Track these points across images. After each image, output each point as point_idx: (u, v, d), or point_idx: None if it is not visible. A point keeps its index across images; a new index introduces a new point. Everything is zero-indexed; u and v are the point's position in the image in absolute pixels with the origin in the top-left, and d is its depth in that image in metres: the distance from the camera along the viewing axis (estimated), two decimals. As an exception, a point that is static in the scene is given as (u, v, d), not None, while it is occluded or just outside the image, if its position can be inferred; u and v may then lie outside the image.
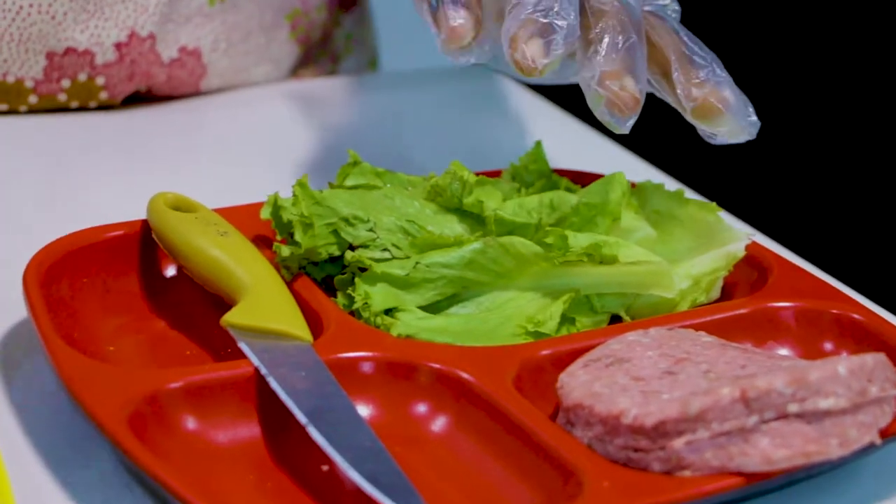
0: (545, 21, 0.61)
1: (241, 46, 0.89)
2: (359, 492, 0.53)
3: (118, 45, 0.83)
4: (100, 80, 0.84)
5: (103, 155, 0.81)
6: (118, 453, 0.53)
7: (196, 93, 0.89)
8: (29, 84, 0.83)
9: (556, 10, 0.61)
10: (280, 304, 0.60)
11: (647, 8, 0.67)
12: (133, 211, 0.67)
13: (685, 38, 0.64)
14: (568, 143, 0.86)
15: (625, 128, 0.62)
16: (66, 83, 0.84)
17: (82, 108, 0.85)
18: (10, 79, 0.83)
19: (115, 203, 0.73)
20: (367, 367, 0.58)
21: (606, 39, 0.62)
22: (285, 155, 0.83)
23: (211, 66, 0.87)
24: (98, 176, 0.79)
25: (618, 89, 0.61)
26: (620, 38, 0.62)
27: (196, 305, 0.65)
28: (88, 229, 0.65)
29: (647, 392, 0.54)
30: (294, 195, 0.65)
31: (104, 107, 0.86)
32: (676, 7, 0.68)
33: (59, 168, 0.80)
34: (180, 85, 0.87)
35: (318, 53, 0.94)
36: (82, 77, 0.84)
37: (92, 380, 0.55)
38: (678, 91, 0.63)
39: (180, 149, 0.84)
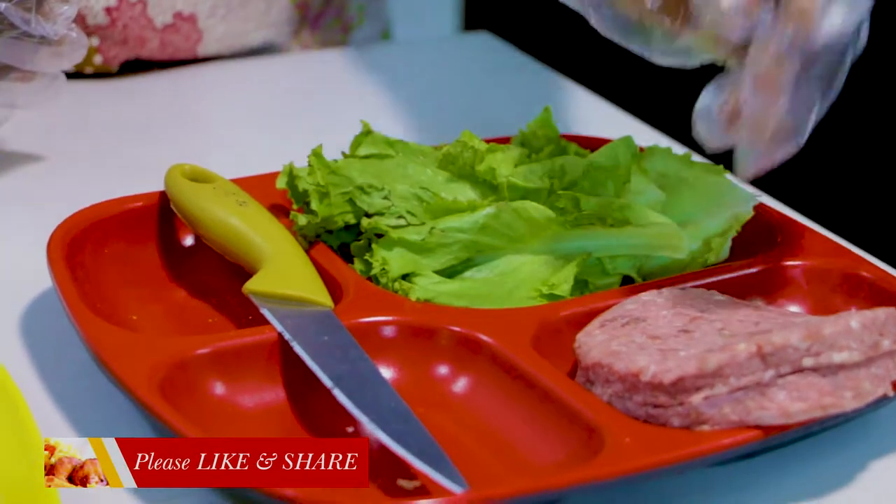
0: None
1: (240, 12, 0.89)
2: (384, 453, 0.54)
3: (108, 10, 0.84)
4: (94, 41, 0.85)
5: (114, 125, 0.82)
6: (150, 419, 0.54)
7: (193, 58, 0.89)
8: None
9: None
10: (300, 270, 0.62)
11: None
12: (150, 182, 0.68)
13: None
14: (572, 109, 0.88)
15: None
16: None
17: (78, 75, 0.86)
18: None
19: (133, 174, 0.74)
20: (388, 332, 0.59)
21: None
22: (297, 125, 0.84)
23: (207, 31, 0.88)
24: (111, 147, 0.80)
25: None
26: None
27: (215, 274, 0.66)
28: (109, 201, 0.66)
29: (664, 350, 0.55)
30: (309, 164, 0.66)
31: (100, 74, 0.87)
32: None
33: (73, 139, 0.81)
34: (176, 51, 0.88)
35: (329, 22, 0.95)
36: None
37: (120, 348, 0.56)
38: None
39: (192, 119, 0.85)
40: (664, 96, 0.92)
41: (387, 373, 0.59)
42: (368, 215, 0.66)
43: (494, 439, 0.56)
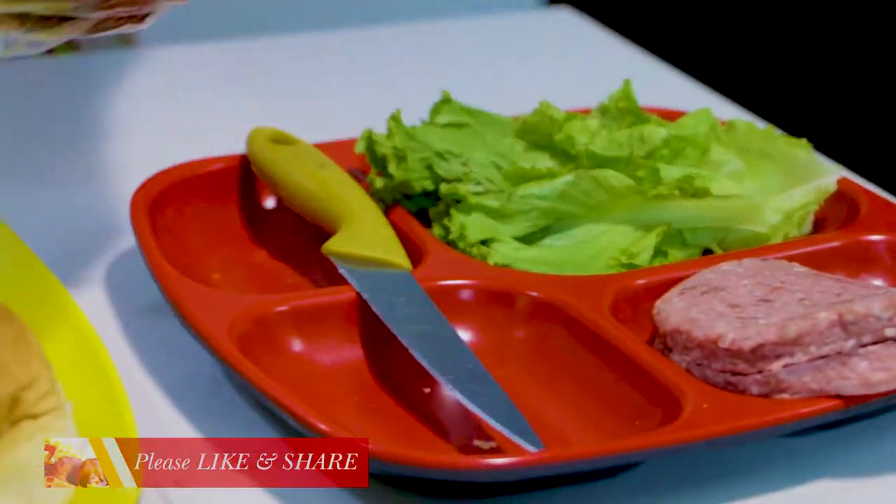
0: None
1: None
2: (459, 413, 0.55)
3: None
4: None
5: (197, 89, 0.83)
6: (228, 372, 0.54)
7: None
8: None
9: None
10: (379, 233, 0.62)
11: None
12: (229, 144, 0.69)
13: None
14: (654, 85, 0.87)
15: None
16: None
17: None
18: None
19: (210, 137, 0.75)
20: (466, 295, 0.59)
21: None
22: (373, 94, 0.84)
23: None
24: (192, 110, 0.81)
25: None
26: None
27: (294, 236, 0.66)
28: (191, 162, 0.67)
29: (743, 318, 0.55)
30: (388, 129, 0.67)
31: None
32: None
33: (161, 102, 0.82)
34: None
35: None
36: None
37: (201, 303, 0.57)
38: None
39: (268, 85, 0.86)
40: (747, 72, 0.92)
41: (464, 335, 0.59)
42: (446, 181, 0.66)
43: (571, 403, 0.56)
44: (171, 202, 0.65)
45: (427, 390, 0.57)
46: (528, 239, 0.65)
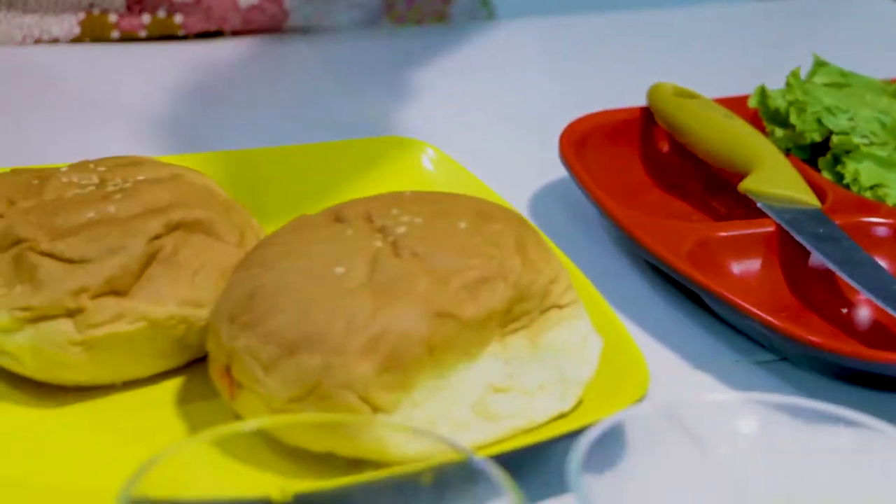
0: None
1: None
2: (880, 329, 0.62)
3: None
4: (178, 18, 0.86)
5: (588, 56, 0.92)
6: (681, 279, 0.62)
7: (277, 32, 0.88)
8: (112, 18, 0.86)
9: None
10: (789, 174, 0.69)
11: None
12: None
13: None
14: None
15: None
16: (146, 18, 0.86)
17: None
18: (96, 11, 0.85)
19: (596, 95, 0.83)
20: (881, 231, 0.66)
21: None
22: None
23: (294, 12, 0.88)
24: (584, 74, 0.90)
25: None
26: None
27: (690, 178, 0.74)
28: (604, 111, 0.75)
29: None
30: (787, 84, 0.74)
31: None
32: None
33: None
34: (259, 28, 0.88)
35: None
36: (161, 13, 0.86)
37: (649, 229, 0.65)
38: None
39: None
40: None
41: (879, 265, 0.66)
42: (835, 134, 0.73)
43: None
44: (588, 143, 0.73)
45: (844, 310, 0.64)
46: (908, 186, 0.72)
